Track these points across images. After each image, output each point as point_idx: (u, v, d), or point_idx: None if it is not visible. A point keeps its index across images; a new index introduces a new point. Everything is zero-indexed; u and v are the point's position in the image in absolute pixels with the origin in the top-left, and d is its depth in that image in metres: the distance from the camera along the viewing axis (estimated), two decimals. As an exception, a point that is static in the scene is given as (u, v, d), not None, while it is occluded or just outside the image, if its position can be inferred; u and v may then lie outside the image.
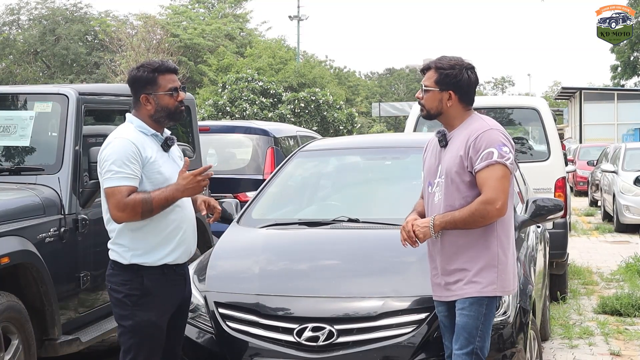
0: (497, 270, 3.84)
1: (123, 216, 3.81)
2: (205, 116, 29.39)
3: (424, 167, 4.14)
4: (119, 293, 3.93)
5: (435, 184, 3.98)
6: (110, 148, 3.87)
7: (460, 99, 3.92)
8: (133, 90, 3.99)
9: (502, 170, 3.77)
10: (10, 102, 6.16)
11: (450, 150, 3.92)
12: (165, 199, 3.84)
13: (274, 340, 4.19)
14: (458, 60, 3.95)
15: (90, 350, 6.06)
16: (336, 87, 43.20)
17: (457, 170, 3.85)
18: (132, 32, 39.50)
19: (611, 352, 6.66)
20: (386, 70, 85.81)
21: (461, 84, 3.90)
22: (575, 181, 25.05)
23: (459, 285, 3.87)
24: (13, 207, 5.15)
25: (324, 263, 4.78)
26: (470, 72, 3.93)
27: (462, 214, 3.77)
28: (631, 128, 35.95)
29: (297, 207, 5.80)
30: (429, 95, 3.93)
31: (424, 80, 3.98)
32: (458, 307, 3.88)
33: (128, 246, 3.92)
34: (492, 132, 3.83)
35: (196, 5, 48.66)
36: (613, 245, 13.52)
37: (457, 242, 3.87)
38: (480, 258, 3.84)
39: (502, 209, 3.76)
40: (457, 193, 3.86)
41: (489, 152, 3.77)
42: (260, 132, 9.41)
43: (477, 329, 3.84)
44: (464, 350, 3.84)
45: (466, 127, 3.91)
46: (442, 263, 3.93)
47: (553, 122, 8.89)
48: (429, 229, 3.84)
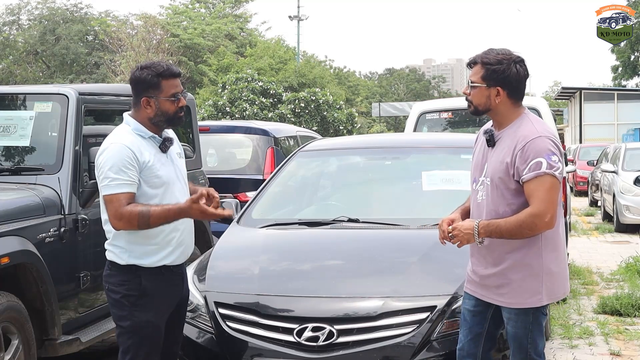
0: (541, 280, 3.72)
1: (120, 225, 3.80)
2: (205, 116, 29.40)
3: (473, 160, 3.98)
4: (116, 293, 3.92)
5: (479, 182, 3.86)
6: (107, 154, 3.83)
7: (510, 94, 3.75)
8: (134, 91, 3.94)
9: (551, 181, 3.62)
10: (10, 102, 6.16)
11: (497, 153, 3.77)
12: (166, 217, 3.80)
13: (274, 340, 4.19)
14: (506, 54, 3.75)
15: (90, 350, 6.06)
16: (336, 87, 43.22)
17: (502, 176, 3.72)
18: (132, 32, 39.50)
19: (611, 352, 6.66)
20: (386, 70, 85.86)
21: (510, 80, 3.72)
22: (575, 181, 25.06)
23: (502, 291, 3.77)
24: (13, 207, 5.15)
25: (324, 263, 4.78)
26: (519, 66, 3.74)
27: (509, 225, 3.64)
28: (631, 128, 35.95)
29: (297, 207, 5.80)
30: (476, 91, 3.77)
31: (471, 76, 3.81)
32: (505, 315, 3.81)
33: (125, 247, 3.90)
34: (541, 140, 3.66)
35: (196, 5, 48.67)
36: (613, 245, 13.51)
37: (500, 247, 3.75)
38: (523, 267, 3.72)
39: (550, 222, 3.64)
40: (502, 199, 3.73)
41: (537, 162, 3.62)
42: (260, 132, 9.41)
43: (527, 338, 3.77)
44: (517, 358, 3.81)
45: (515, 129, 3.75)
46: (483, 263, 3.83)
47: (553, 122, 8.89)
48: (472, 234, 3.71)
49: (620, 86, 47.19)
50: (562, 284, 3.84)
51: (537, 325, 3.79)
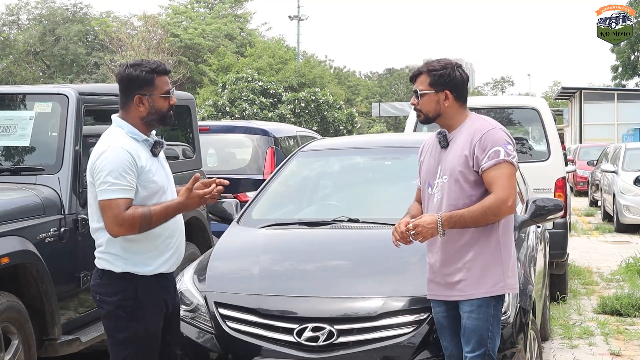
0: (502, 268, 3.88)
1: (120, 230, 3.65)
2: (205, 116, 29.40)
3: (421, 169, 4.15)
4: (109, 304, 3.76)
5: (435, 185, 3.98)
6: (105, 158, 3.67)
7: (456, 97, 3.96)
8: (126, 90, 3.80)
9: (509, 168, 3.81)
10: (10, 102, 6.16)
11: (453, 150, 3.93)
12: (166, 216, 3.72)
13: (274, 340, 4.19)
14: (447, 60, 4.02)
15: (90, 350, 6.06)
16: (336, 87, 43.23)
17: (462, 169, 3.87)
18: (132, 32, 39.50)
19: (611, 352, 6.66)
20: (386, 70, 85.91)
21: (455, 82, 3.95)
22: (575, 181, 25.05)
23: (463, 285, 3.88)
24: (13, 207, 5.15)
25: (324, 263, 4.78)
26: (460, 70, 3.99)
27: (472, 213, 3.77)
28: (631, 128, 35.96)
29: (297, 207, 5.80)
30: (425, 99, 3.97)
31: (417, 86, 4.01)
32: (465, 309, 3.89)
33: (120, 254, 3.76)
34: (497, 131, 3.87)
35: (196, 5, 48.67)
36: (613, 245, 13.52)
37: (459, 240, 3.88)
38: (483, 257, 3.86)
39: (512, 207, 3.81)
40: (461, 192, 3.87)
41: (495, 150, 3.81)
42: (260, 132, 9.40)
43: (487, 331, 3.87)
44: (476, 353, 3.86)
45: (468, 126, 3.93)
46: (443, 261, 3.93)
47: (553, 122, 8.89)
48: (436, 227, 3.81)
49: (620, 86, 47.18)
50: (516, 277, 4.01)
51: (496, 320, 3.91)
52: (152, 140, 3.87)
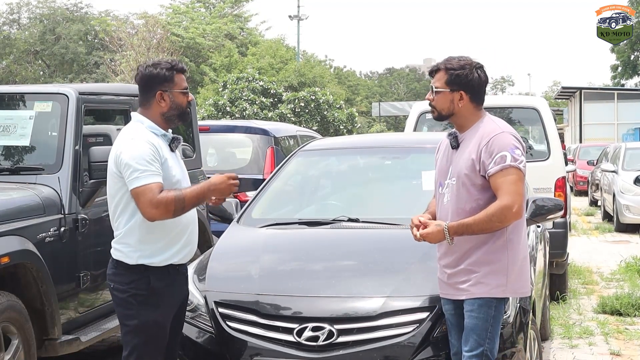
0: (506, 272, 3.85)
1: (157, 213, 3.76)
2: (205, 116, 29.40)
3: (436, 167, 4.14)
4: (123, 292, 3.90)
5: (445, 185, 3.98)
6: (130, 151, 3.81)
7: (472, 98, 3.92)
8: (147, 87, 3.95)
9: (516, 173, 3.78)
10: (10, 101, 6.16)
11: (462, 153, 3.92)
12: (197, 197, 3.85)
13: (274, 340, 4.19)
14: (467, 60, 3.95)
15: (90, 350, 6.06)
16: (336, 87, 43.18)
17: (469, 173, 3.85)
18: (132, 32, 39.48)
19: (611, 352, 6.67)
20: (386, 70, 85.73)
21: (472, 84, 3.91)
22: (575, 181, 25.05)
23: (466, 285, 3.88)
24: (13, 207, 5.15)
25: (324, 263, 4.77)
26: (480, 71, 3.94)
27: (478, 220, 3.76)
28: (631, 128, 35.94)
29: (297, 206, 5.80)
30: (440, 96, 3.94)
31: (434, 82, 3.97)
32: (466, 308, 3.90)
33: (135, 246, 3.88)
34: (504, 135, 3.84)
35: (196, 5, 48.65)
36: (613, 245, 13.52)
37: (466, 242, 3.87)
38: (488, 260, 3.85)
39: (518, 213, 3.78)
40: (468, 196, 3.86)
41: (502, 155, 3.78)
42: (260, 132, 9.41)
43: (486, 331, 3.86)
44: (474, 352, 3.86)
45: (478, 129, 3.90)
46: (450, 262, 3.94)
47: (553, 122, 8.89)
48: (443, 237, 3.84)
49: (620, 86, 47.18)
50: (525, 281, 3.98)
51: (496, 320, 3.90)
52: (170, 135, 4.02)
